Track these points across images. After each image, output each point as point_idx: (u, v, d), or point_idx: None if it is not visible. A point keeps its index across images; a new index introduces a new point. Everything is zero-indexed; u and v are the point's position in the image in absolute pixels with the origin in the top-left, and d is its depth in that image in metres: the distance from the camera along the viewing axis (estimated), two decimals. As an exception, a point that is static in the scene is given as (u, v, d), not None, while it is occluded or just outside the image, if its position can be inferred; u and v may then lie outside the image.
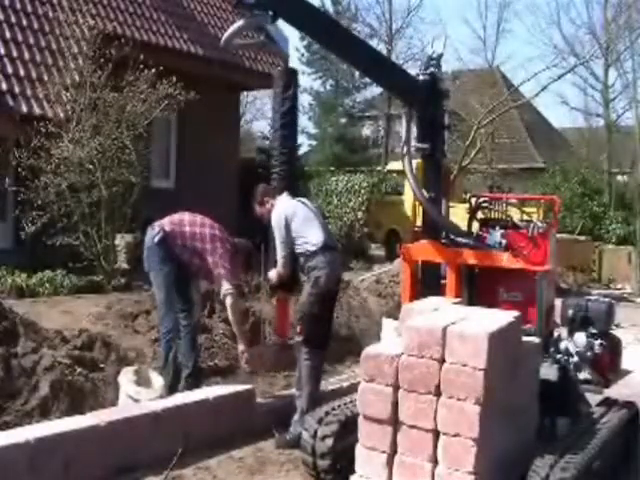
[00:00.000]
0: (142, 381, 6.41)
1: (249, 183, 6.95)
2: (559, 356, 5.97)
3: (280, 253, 6.42)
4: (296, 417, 6.24)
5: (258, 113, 43.69)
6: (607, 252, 22.61)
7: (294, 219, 6.41)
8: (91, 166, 11.47)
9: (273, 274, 6.63)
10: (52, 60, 13.92)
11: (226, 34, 6.06)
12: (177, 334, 6.73)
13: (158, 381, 6.48)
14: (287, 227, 6.36)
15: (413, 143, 6.21)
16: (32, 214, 11.15)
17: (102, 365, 6.94)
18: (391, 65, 6.80)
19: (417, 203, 6.47)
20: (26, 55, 13.56)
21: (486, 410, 4.30)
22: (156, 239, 6.70)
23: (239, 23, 5.86)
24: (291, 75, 6.81)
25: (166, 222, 6.82)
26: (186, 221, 6.85)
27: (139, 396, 6.18)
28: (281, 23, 5.85)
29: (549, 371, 5.58)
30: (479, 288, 6.11)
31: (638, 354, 8.51)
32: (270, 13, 5.61)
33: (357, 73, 39.08)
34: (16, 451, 4.79)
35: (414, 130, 6.26)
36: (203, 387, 6.73)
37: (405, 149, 6.11)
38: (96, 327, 7.93)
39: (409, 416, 4.52)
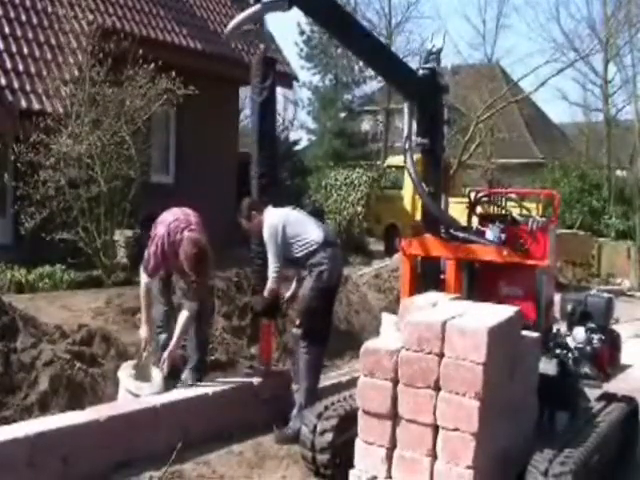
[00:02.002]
0: (142, 376, 6.38)
1: (248, 177, 6.88)
2: (558, 351, 5.98)
3: (272, 266, 6.32)
4: (295, 412, 6.25)
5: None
6: (606, 247, 22.63)
7: (288, 225, 6.38)
8: (90, 161, 11.45)
9: (258, 298, 6.71)
10: (51, 55, 13.88)
11: (236, 20, 5.90)
12: (166, 326, 6.79)
13: (158, 375, 6.44)
14: (282, 236, 6.32)
15: (413, 138, 6.19)
16: (31, 209, 11.11)
17: (101, 360, 6.93)
18: (394, 57, 6.75)
19: (416, 198, 6.47)
20: (25, 50, 13.52)
21: (485, 405, 4.31)
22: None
23: (254, 8, 5.69)
24: (270, 64, 6.73)
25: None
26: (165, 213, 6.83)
27: (140, 391, 6.15)
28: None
29: (548, 366, 5.59)
30: (479, 283, 6.11)
31: (637, 349, 8.52)
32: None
33: (356, 67, 39.17)
34: (15, 446, 4.79)
35: (415, 125, 6.24)
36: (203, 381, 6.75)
37: (407, 144, 6.08)
38: (95, 322, 7.93)
39: (408, 411, 4.53)
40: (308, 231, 6.42)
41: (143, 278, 6.54)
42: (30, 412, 5.81)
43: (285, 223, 6.38)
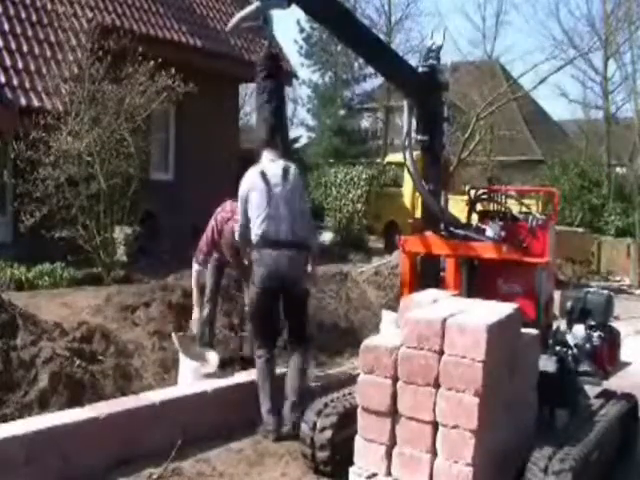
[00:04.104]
0: (198, 357, 6.87)
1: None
2: (558, 348, 5.98)
3: (239, 222, 6.31)
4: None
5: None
6: (606, 244, 22.63)
7: (250, 199, 6.18)
8: (90, 158, 11.47)
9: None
10: (51, 52, 13.90)
11: (236, 17, 5.84)
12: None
13: (213, 357, 6.88)
14: (245, 203, 6.20)
15: (413, 135, 6.16)
16: (31, 207, 11.14)
17: (101, 357, 6.94)
18: (394, 54, 6.70)
19: (416, 195, 6.42)
20: (25, 47, 13.54)
21: (485, 402, 4.31)
22: None
23: (253, 6, 5.67)
24: (275, 59, 6.60)
25: None
26: None
27: (201, 370, 6.69)
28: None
29: (548, 363, 5.59)
30: (478, 280, 6.10)
31: (637, 346, 8.51)
32: None
33: (356, 65, 39.17)
34: (15, 444, 4.80)
35: (414, 122, 6.21)
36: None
37: (407, 141, 6.06)
38: (95, 319, 7.92)
39: (408, 408, 4.53)
40: (255, 220, 6.15)
41: (194, 267, 7.22)
42: (30, 409, 5.80)
43: (249, 193, 6.18)
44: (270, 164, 6.29)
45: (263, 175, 6.20)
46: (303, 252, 6.29)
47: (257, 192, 6.16)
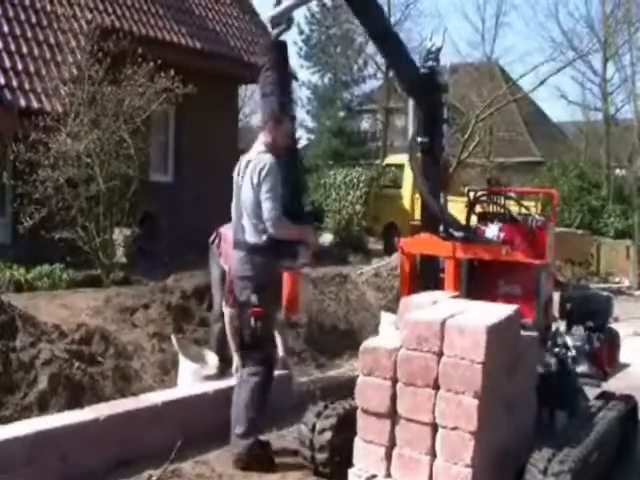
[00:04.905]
0: (198, 359, 6.89)
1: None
2: (557, 349, 5.98)
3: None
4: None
5: (257, 106, 43.55)
6: (605, 246, 22.65)
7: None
8: (89, 160, 11.45)
9: None
10: (50, 54, 13.89)
11: (285, 5, 5.62)
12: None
13: (213, 359, 6.90)
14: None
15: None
16: (30, 208, 11.13)
17: (100, 359, 6.94)
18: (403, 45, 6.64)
19: (415, 197, 6.38)
20: (24, 49, 13.52)
21: (484, 403, 4.31)
22: None
23: None
24: (282, 46, 6.05)
25: None
26: None
27: (201, 372, 6.69)
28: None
29: (547, 364, 5.59)
30: (478, 282, 6.10)
31: (636, 347, 8.52)
32: None
33: (355, 67, 39.22)
34: (15, 445, 4.80)
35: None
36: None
37: (412, 142, 6.03)
38: (94, 321, 7.92)
39: (407, 409, 4.52)
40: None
41: (227, 311, 6.33)
42: (29, 411, 5.81)
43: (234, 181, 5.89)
44: (247, 155, 5.87)
45: (239, 166, 5.86)
46: (255, 255, 5.57)
47: (234, 184, 5.92)
